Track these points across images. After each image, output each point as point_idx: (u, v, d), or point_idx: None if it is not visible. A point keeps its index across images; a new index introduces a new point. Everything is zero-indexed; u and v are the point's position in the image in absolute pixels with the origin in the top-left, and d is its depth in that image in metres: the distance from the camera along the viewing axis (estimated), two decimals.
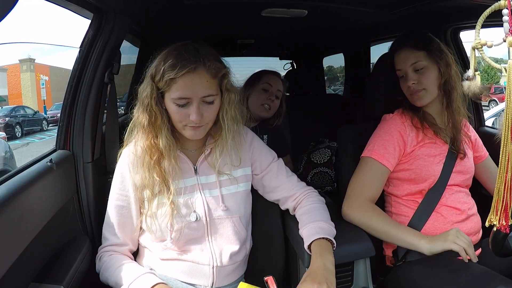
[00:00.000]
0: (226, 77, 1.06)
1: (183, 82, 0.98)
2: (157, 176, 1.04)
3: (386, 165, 1.24)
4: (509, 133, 0.75)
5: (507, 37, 0.71)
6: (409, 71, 1.28)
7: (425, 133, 1.28)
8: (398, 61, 1.31)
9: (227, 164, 1.12)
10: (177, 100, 1.00)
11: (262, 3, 1.53)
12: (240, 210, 1.13)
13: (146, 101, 1.03)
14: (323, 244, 1.03)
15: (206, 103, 1.02)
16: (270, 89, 1.84)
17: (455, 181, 1.26)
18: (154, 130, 1.05)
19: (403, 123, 1.28)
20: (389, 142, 1.25)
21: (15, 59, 18.92)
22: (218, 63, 1.03)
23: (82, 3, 1.15)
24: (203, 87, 1.00)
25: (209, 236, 1.10)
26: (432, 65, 1.26)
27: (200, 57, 0.99)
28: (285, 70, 3.55)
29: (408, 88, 1.29)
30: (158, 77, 1.01)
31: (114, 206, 1.10)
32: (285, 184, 1.19)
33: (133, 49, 2.09)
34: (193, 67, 0.97)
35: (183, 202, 1.08)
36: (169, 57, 1.00)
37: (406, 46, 1.29)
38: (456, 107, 1.28)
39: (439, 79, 1.26)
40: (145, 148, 1.06)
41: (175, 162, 1.06)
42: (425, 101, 1.28)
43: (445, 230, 1.22)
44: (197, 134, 1.05)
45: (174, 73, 0.97)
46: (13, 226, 0.87)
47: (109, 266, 1.06)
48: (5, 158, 4.46)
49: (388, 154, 1.24)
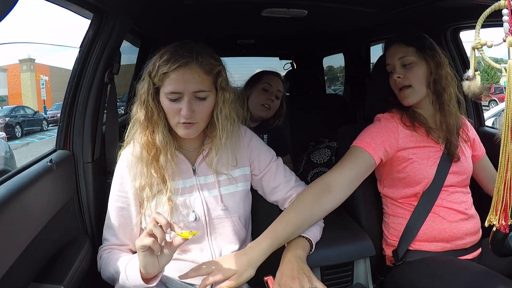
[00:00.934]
0: (221, 75, 1.06)
1: (175, 76, 0.99)
2: (154, 172, 1.05)
3: (371, 153, 1.19)
4: (509, 133, 0.75)
5: (507, 37, 0.71)
6: (397, 65, 1.27)
7: (417, 132, 1.27)
8: (388, 55, 1.31)
9: (225, 164, 1.12)
10: (169, 94, 1.01)
11: (262, 3, 1.53)
12: (240, 209, 1.13)
13: (144, 97, 1.04)
14: (296, 240, 1.06)
15: (198, 99, 1.02)
16: (270, 89, 1.84)
17: (451, 182, 1.26)
18: (151, 125, 1.06)
19: (395, 122, 1.28)
20: (378, 134, 1.23)
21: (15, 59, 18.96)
22: (213, 60, 1.03)
23: (82, 3, 1.15)
24: (194, 82, 1.00)
25: (209, 236, 1.10)
26: (420, 62, 1.25)
27: (194, 53, 1.00)
28: (285, 70, 3.55)
29: (394, 82, 1.28)
30: (154, 72, 1.02)
31: (114, 208, 1.10)
32: (283, 185, 1.18)
33: (133, 49, 2.09)
34: (185, 61, 0.98)
35: (182, 202, 1.08)
36: (164, 54, 1.01)
37: (397, 41, 1.29)
38: (448, 110, 1.26)
39: (427, 77, 1.25)
40: (143, 143, 1.07)
41: (171, 158, 1.07)
42: (412, 100, 1.26)
43: (443, 230, 1.22)
44: (189, 133, 1.05)
45: (167, 68, 0.99)
46: (13, 226, 0.87)
47: (109, 261, 1.07)
48: (5, 158, 4.46)
49: (375, 144, 1.21)
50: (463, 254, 1.24)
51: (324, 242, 1.10)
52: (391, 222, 1.30)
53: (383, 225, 1.35)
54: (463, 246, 1.25)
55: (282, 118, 1.93)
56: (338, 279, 1.08)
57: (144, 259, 0.89)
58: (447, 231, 1.22)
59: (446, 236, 1.22)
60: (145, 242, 0.86)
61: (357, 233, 1.17)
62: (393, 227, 1.29)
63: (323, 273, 1.08)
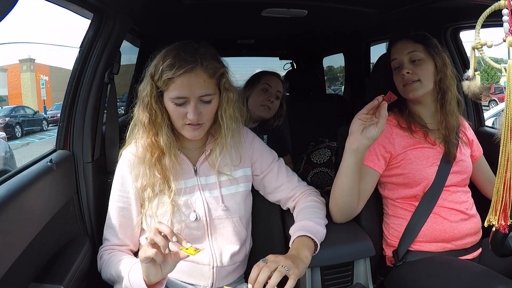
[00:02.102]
0: (224, 76, 1.07)
1: (181, 82, 0.99)
2: (158, 173, 1.05)
3: (373, 167, 1.23)
4: (509, 133, 0.75)
5: (507, 37, 0.71)
6: (405, 60, 1.25)
7: (414, 136, 1.26)
8: (395, 51, 1.28)
9: (227, 164, 1.12)
10: (175, 99, 1.01)
11: (262, 3, 1.53)
12: (240, 210, 1.13)
13: (146, 100, 1.04)
14: (302, 240, 1.03)
15: (203, 102, 1.03)
16: (269, 89, 1.84)
17: (452, 182, 1.25)
18: (155, 128, 1.06)
19: (390, 126, 1.27)
20: (374, 144, 1.22)
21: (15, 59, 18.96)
22: (216, 62, 1.04)
23: (82, 3, 1.15)
24: (200, 87, 1.01)
25: (209, 236, 1.10)
26: (428, 59, 1.24)
27: (198, 57, 1.00)
28: (285, 70, 3.55)
29: (402, 78, 1.25)
30: (157, 76, 1.02)
31: (115, 208, 1.10)
32: (286, 185, 1.19)
33: (133, 49, 2.09)
34: (190, 67, 0.98)
35: (183, 202, 1.08)
36: (167, 57, 1.00)
37: (404, 37, 1.28)
38: (450, 109, 1.26)
39: (435, 74, 1.24)
40: (146, 146, 1.06)
41: (175, 159, 1.07)
42: (418, 93, 1.24)
43: (444, 231, 1.22)
44: (196, 135, 1.06)
45: (172, 73, 0.98)
46: (13, 226, 0.87)
47: (110, 263, 1.06)
48: (5, 158, 4.46)
49: (374, 155, 1.23)
50: (463, 254, 1.24)
51: (324, 242, 1.10)
52: (391, 222, 1.30)
53: (383, 225, 1.35)
54: (464, 246, 1.24)
55: (282, 118, 1.93)
56: (338, 279, 1.08)
57: (147, 270, 0.88)
58: (448, 232, 1.22)
59: (447, 236, 1.22)
60: (148, 254, 0.85)
61: (357, 233, 1.17)
62: (394, 227, 1.29)
63: (323, 273, 1.08)
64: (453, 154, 1.25)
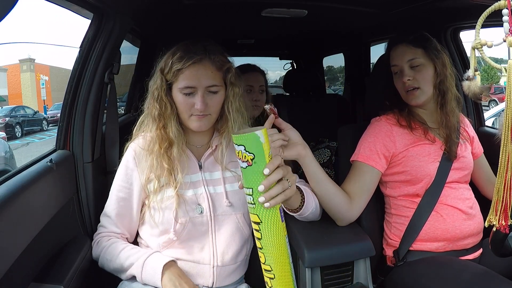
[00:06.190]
0: (230, 71, 1.11)
1: (189, 72, 1.05)
2: (165, 163, 1.07)
3: (374, 165, 1.24)
4: (509, 133, 0.75)
5: (507, 37, 0.71)
6: (405, 67, 1.26)
7: (414, 133, 1.27)
8: (395, 56, 1.30)
9: (232, 161, 1.13)
10: (184, 89, 1.06)
11: (262, 3, 1.53)
12: (244, 206, 1.14)
13: (156, 93, 1.08)
14: None
15: (210, 93, 1.07)
16: (252, 89, 1.82)
17: (453, 178, 1.26)
18: (164, 119, 1.09)
19: (390, 125, 1.28)
20: (375, 143, 1.25)
21: (15, 59, 18.97)
22: (223, 57, 1.10)
23: (82, 3, 1.16)
24: (208, 77, 1.05)
25: (213, 233, 1.11)
26: (428, 63, 1.25)
27: (206, 50, 1.06)
28: (285, 70, 3.55)
29: (403, 84, 1.27)
30: (167, 69, 1.07)
31: (115, 197, 1.12)
32: None
33: (133, 49, 2.09)
34: (198, 58, 1.04)
35: (188, 196, 1.09)
36: (177, 51, 1.06)
37: (403, 42, 1.28)
38: (450, 109, 1.27)
39: (434, 78, 1.25)
40: (155, 137, 1.09)
41: (183, 151, 1.10)
42: (420, 100, 1.26)
43: (446, 230, 1.22)
44: (202, 126, 1.08)
45: (181, 64, 1.04)
46: (13, 226, 0.87)
47: (112, 250, 1.08)
48: (5, 158, 4.46)
49: (375, 154, 1.24)
50: (464, 254, 1.24)
51: (324, 242, 1.10)
52: (393, 221, 1.30)
53: (385, 224, 1.35)
54: (465, 247, 1.24)
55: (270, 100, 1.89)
56: (338, 279, 1.08)
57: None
58: (450, 231, 1.22)
59: (449, 236, 1.22)
60: None
61: (357, 233, 1.17)
62: (396, 226, 1.29)
63: (323, 273, 1.08)
64: (454, 152, 1.25)
